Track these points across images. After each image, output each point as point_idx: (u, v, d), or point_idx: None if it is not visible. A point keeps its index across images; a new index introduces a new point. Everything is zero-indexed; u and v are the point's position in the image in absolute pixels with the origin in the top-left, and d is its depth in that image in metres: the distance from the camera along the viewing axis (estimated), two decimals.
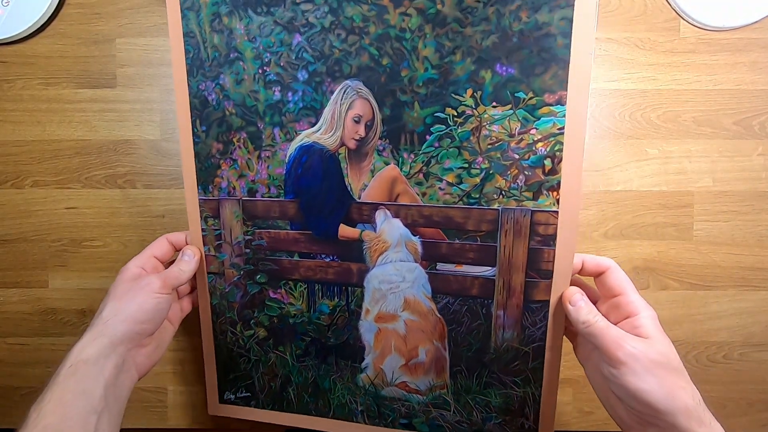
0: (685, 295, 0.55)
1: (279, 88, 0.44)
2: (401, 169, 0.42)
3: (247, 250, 0.48)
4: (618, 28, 0.52)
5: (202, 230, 0.48)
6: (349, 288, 0.46)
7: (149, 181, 0.56)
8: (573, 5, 0.34)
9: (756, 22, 0.51)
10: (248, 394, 0.52)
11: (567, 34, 0.35)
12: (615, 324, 0.37)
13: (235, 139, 0.46)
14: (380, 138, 0.42)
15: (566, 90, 0.36)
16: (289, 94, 0.43)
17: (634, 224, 0.55)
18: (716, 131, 0.53)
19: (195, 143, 0.46)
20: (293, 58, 0.43)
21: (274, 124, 0.44)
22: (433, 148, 0.40)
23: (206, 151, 0.46)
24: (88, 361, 0.37)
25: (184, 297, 0.51)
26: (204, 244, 0.48)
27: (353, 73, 0.41)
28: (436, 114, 0.40)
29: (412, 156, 0.41)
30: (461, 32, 0.38)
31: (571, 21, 0.35)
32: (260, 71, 0.44)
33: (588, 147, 0.53)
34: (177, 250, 0.48)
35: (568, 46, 0.36)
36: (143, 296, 0.41)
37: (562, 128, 0.37)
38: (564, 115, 0.37)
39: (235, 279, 0.49)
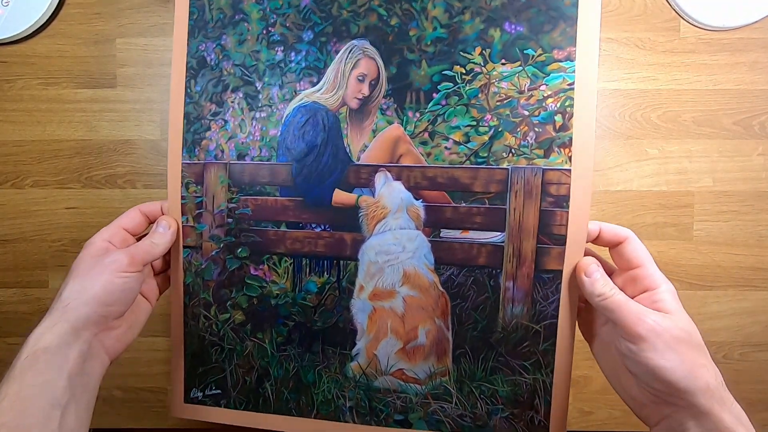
0: (685, 295, 0.54)
1: (282, 48, 0.42)
2: (405, 129, 0.40)
3: (230, 220, 0.43)
4: (618, 28, 0.53)
5: (182, 198, 0.44)
6: (341, 262, 0.42)
7: (149, 181, 0.56)
8: None
9: (756, 22, 0.51)
10: (218, 391, 0.45)
11: None
12: (632, 298, 0.34)
13: (229, 100, 0.43)
14: (384, 97, 0.40)
15: (575, 46, 0.36)
16: (292, 54, 0.42)
17: (634, 224, 0.54)
18: (716, 131, 0.53)
19: (186, 103, 0.44)
20: (300, 18, 0.42)
21: (273, 83, 0.43)
22: (440, 106, 0.39)
23: (197, 113, 0.44)
24: (48, 349, 0.33)
25: (161, 273, 0.45)
26: (182, 214, 0.44)
27: (360, 33, 0.41)
28: (443, 72, 0.39)
29: (418, 114, 0.39)
30: None
31: None
32: (264, 32, 0.43)
33: None
34: (151, 222, 0.44)
35: (575, 4, 0.36)
36: (108, 275, 0.37)
37: (572, 84, 0.36)
38: (574, 71, 0.36)
39: (213, 253, 0.44)
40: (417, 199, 0.40)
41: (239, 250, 0.43)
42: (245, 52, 0.43)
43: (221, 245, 0.44)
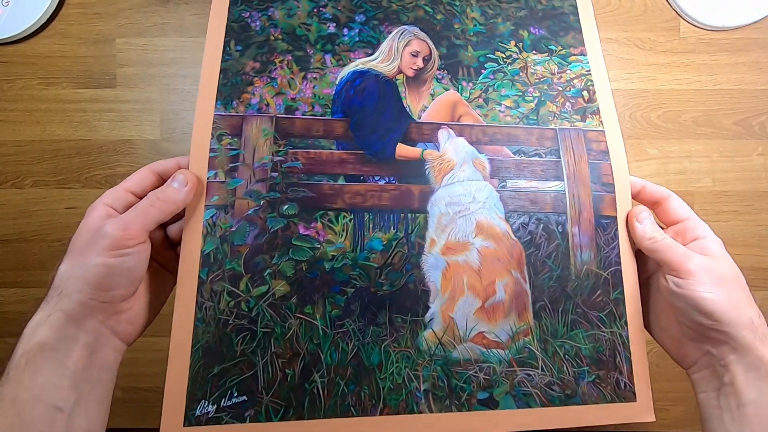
0: None
1: (334, 24, 0.44)
2: (462, 95, 0.43)
3: (274, 174, 0.38)
4: (618, 28, 0.53)
5: (212, 150, 0.38)
6: (409, 215, 0.39)
7: None
8: None
9: (756, 22, 0.51)
10: (243, 397, 0.32)
11: (575, 12, 0.47)
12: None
13: (277, 60, 0.42)
14: (438, 69, 0.44)
15: (585, 46, 0.46)
16: (345, 29, 0.44)
17: None
18: (716, 131, 0.53)
19: (224, 60, 0.41)
20: (351, 4, 0.45)
21: (326, 51, 0.43)
22: (489, 79, 0.44)
23: (237, 68, 0.41)
24: (45, 345, 0.29)
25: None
26: (210, 168, 0.37)
27: (410, 21, 0.45)
28: (487, 55, 0.45)
29: (471, 84, 0.43)
30: (500, 5, 0.47)
31: (576, 6, 0.48)
32: (315, 10, 0.44)
33: None
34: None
35: (578, 20, 0.47)
36: (101, 256, 0.30)
37: (589, 71, 0.45)
38: (588, 62, 0.46)
39: (249, 212, 0.37)
40: (481, 153, 0.41)
41: (286, 207, 0.37)
42: (295, 24, 0.44)
43: (261, 202, 0.37)
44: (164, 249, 0.35)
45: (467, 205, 0.39)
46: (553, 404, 0.36)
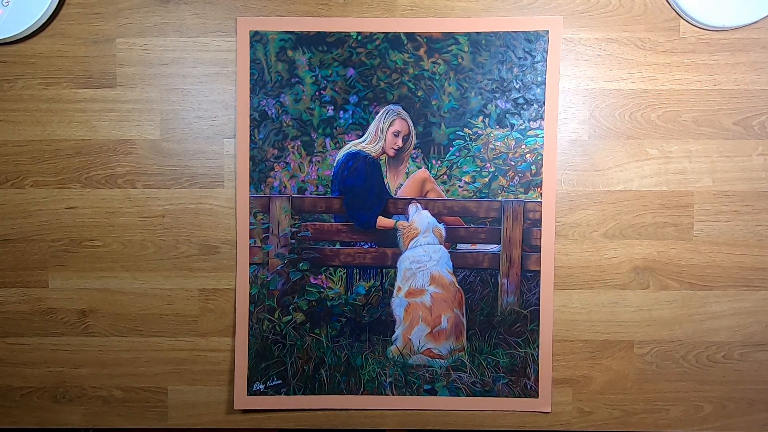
0: (685, 295, 0.55)
1: (333, 107, 0.55)
2: (430, 172, 0.55)
3: (293, 241, 0.55)
4: (618, 28, 0.53)
5: (251, 224, 0.55)
6: (384, 270, 0.55)
7: (149, 181, 0.56)
8: (546, 69, 0.54)
9: (756, 22, 0.51)
10: (279, 381, 0.55)
11: (542, 85, 0.54)
12: None
13: (289, 146, 0.55)
14: (414, 148, 0.55)
15: (544, 120, 0.54)
16: (341, 112, 0.55)
17: (634, 224, 0.55)
18: (716, 131, 0.53)
19: (251, 148, 0.55)
20: (346, 85, 0.55)
21: (326, 135, 0.55)
22: (455, 157, 0.55)
23: (261, 156, 0.55)
24: None
25: None
26: (251, 237, 0.55)
27: (395, 99, 0.55)
28: (456, 132, 0.55)
29: (439, 162, 0.55)
30: (474, 78, 0.55)
31: (544, 78, 0.54)
32: (317, 93, 0.55)
33: (588, 147, 0.55)
34: None
35: (543, 93, 0.54)
36: None
37: (542, 145, 0.55)
38: (543, 137, 0.55)
39: (278, 267, 0.55)
40: (440, 223, 0.55)
41: (301, 264, 0.55)
42: (301, 109, 0.56)
43: (285, 261, 0.55)
44: None
45: (425, 263, 0.55)
46: (475, 395, 0.56)
